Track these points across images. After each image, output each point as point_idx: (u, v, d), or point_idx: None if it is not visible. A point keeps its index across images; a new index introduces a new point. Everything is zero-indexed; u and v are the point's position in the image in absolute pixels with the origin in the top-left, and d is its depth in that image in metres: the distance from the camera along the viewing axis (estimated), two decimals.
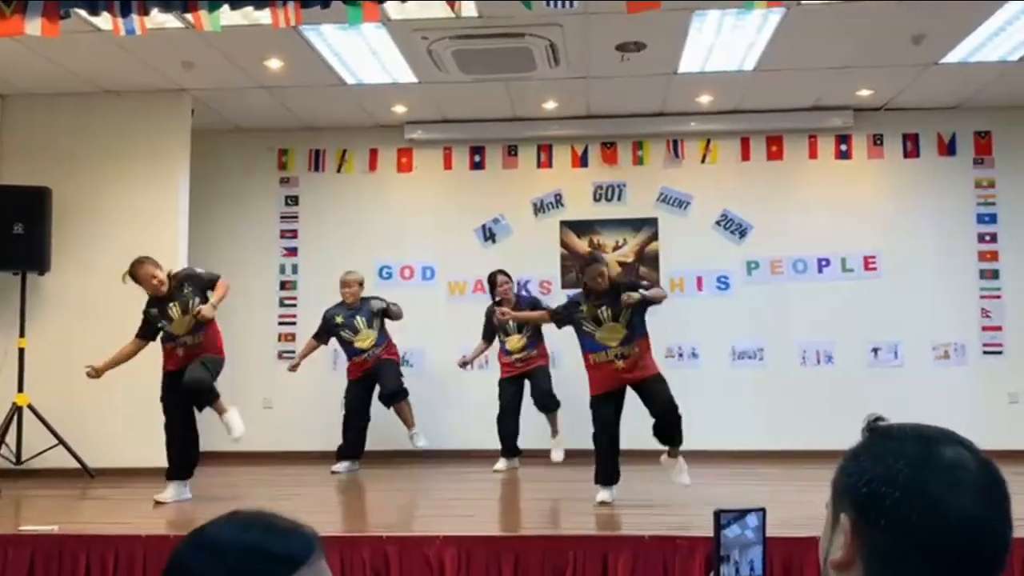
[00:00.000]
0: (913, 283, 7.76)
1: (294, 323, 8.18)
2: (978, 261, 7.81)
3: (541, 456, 7.02)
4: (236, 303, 7.72)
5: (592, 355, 5.38)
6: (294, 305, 8.22)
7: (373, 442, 7.27)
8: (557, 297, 8.00)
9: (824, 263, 7.94)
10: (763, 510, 1.20)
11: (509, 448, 7.05)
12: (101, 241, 7.10)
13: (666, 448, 5.49)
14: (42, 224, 6.84)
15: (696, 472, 5.60)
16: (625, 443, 5.49)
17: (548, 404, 7.00)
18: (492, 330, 7.15)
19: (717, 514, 1.19)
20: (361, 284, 7.29)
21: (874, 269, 7.88)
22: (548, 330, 6.84)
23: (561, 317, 5.67)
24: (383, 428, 7.28)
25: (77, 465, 6.62)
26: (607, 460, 5.37)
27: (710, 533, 1.20)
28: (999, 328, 7.73)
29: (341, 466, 7.01)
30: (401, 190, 8.25)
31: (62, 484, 6.35)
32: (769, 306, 7.83)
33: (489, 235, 8.18)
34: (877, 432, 1.04)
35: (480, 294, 8.01)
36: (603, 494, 5.31)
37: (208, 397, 5.65)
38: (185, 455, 5.70)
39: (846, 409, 7.31)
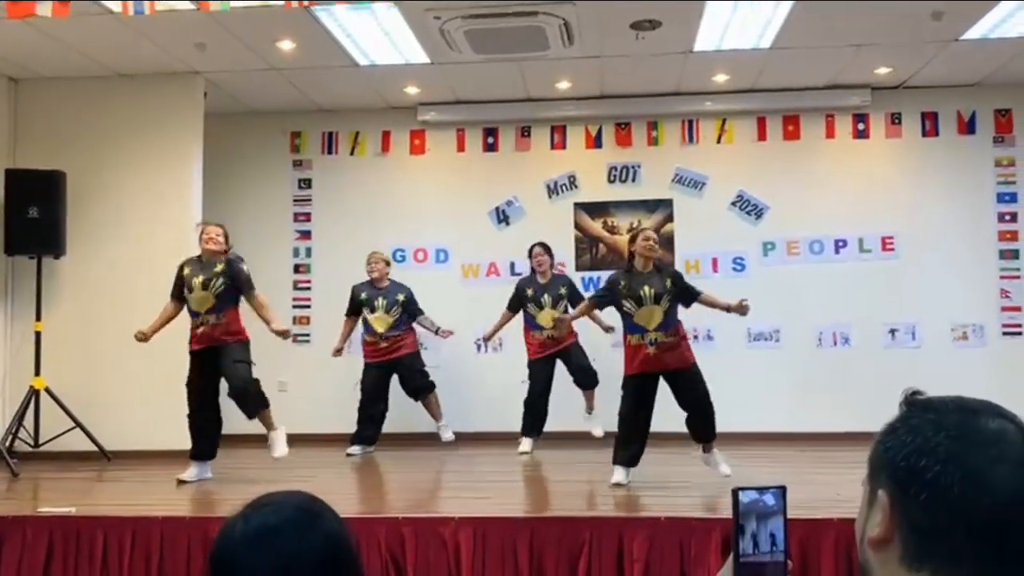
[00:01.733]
0: (931, 264, 7.68)
1: (308, 306, 8.19)
2: (998, 241, 7.71)
3: (563, 437, 6.98)
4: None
5: (630, 336, 5.34)
6: (308, 288, 8.22)
7: (389, 425, 7.29)
8: (571, 279, 7.99)
9: (841, 244, 7.86)
10: (783, 488, 1.17)
11: (539, 430, 6.97)
12: (116, 224, 7.12)
13: (701, 444, 5.47)
14: (57, 208, 6.86)
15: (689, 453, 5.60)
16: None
17: (589, 381, 6.95)
18: (520, 302, 7.07)
19: (735, 492, 1.15)
20: (387, 263, 7.30)
21: (892, 250, 7.80)
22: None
23: (603, 299, 5.59)
24: (399, 410, 7.29)
25: (94, 448, 6.66)
26: (626, 443, 5.32)
27: (726, 514, 1.17)
28: (1018, 309, 7.64)
29: (355, 449, 7.03)
30: (414, 172, 8.22)
31: (79, 467, 6.40)
32: (785, 288, 7.76)
33: (503, 217, 8.14)
34: (916, 405, 1.01)
35: (494, 277, 7.99)
36: (619, 475, 5.27)
37: (258, 402, 5.62)
38: (209, 436, 5.72)
39: (863, 391, 7.32)
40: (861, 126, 7.90)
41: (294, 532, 1.23)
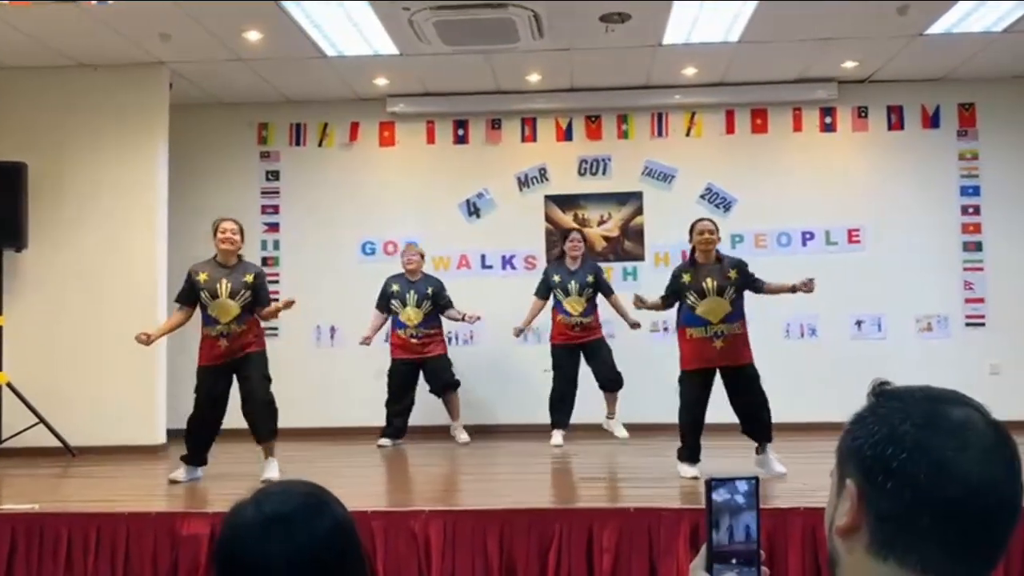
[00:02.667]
0: (896, 256, 7.78)
1: (276, 300, 8.00)
2: (961, 234, 7.83)
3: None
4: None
5: (690, 329, 5.26)
6: (276, 281, 8.12)
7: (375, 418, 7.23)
8: (542, 272, 7.98)
9: (808, 236, 7.94)
10: (756, 478, 1.18)
11: (565, 423, 6.83)
12: (79, 217, 7.00)
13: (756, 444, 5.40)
14: (18, 200, 6.73)
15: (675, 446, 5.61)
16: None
17: (614, 384, 6.83)
18: (548, 288, 6.94)
19: (708, 482, 1.16)
20: (422, 256, 7.19)
21: (858, 242, 7.89)
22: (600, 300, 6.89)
23: (669, 295, 5.44)
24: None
25: (58, 444, 6.57)
26: (689, 439, 5.26)
27: (694, 505, 1.17)
28: (981, 300, 7.77)
29: (385, 441, 6.98)
30: (384, 164, 8.17)
31: (43, 463, 6.30)
32: None
33: (473, 210, 8.13)
34: (883, 395, 1.02)
35: (465, 269, 7.97)
36: (687, 470, 5.21)
37: (274, 429, 5.49)
38: (206, 447, 5.56)
39: (829, 382, 7.40)
40: (828, 120, 7.98)
41: (304, 519, 1.25)
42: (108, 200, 7.01)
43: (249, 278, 5.47)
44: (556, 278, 6.91)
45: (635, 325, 6.79)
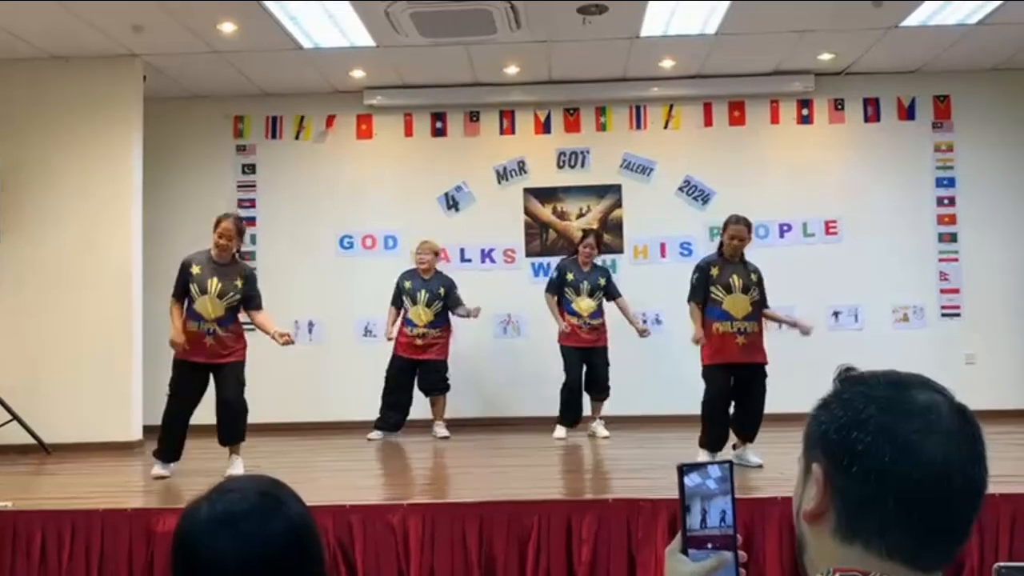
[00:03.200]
0: (873, 247, 7.83)
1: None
2: (936, 225, 7.90)
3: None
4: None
5: (717, 323, 5.33)
6: None
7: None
8: (521, 265, 7.99)
9: (785, 228, 7.97)
10: (729, 462, 1.18)
11: (574, 420, 6.78)
12: (53, 211, 6.91)
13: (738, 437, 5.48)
14: None
15: (659, 437, 5.63)
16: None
17: (603, 394, 6.86)
18: (560, 284, 6.87)
19: (681, 468, 1.16)
20: (436, 254, 7.12)
21: (835, 234, 7.93)
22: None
23: (697, 289, 5.46)
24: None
25: (33, 441, 6.49)
26: (714, 428, 5.34)
27: (672, 495, 1.17)
28: (957, 291, 7.84)
29: (375, 434, 6.95)
30: (361, 158, 8.12)
31: (17, 460, 6.23)
32: None
33: (452, 203, 8.10)
34: (848, 380, 1.02)
35: (443, 263, 7.94)
36: (704, 457, 5.25)
37: (242, 431, 5.48)
38: (180, 444, 5.50)
39: (806, 372, 7.39)
40: (805, 112, 8.01)
41: (258, 517, 1.26)
42: (82, 194, 6.92)
43: (240, 281, 5.46)
44: (569, 276, 6.87)
45: (644, 333, 6.86)
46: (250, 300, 5.53)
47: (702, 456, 5.27)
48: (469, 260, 8.00)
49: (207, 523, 1.26)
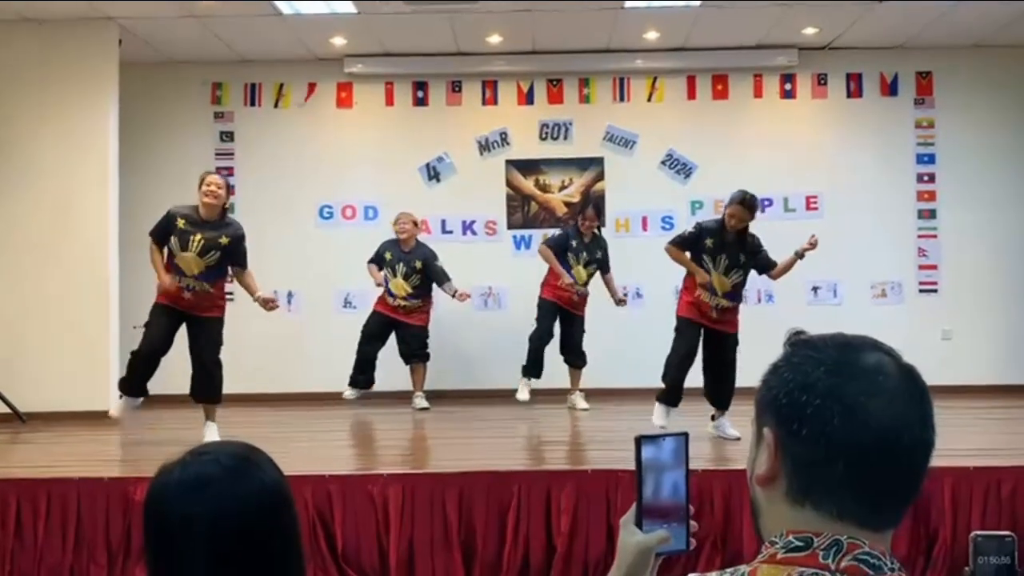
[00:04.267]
0: (853, 223, 7.85)
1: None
2: (916, 201, 7.94)
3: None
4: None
5: (701, 290, 5.38)
6: None
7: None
8: (502, 238, 7.96)
9: (767, 203, 7.95)
10: (686, 434, 1.19)
11: (538, 372, 6.79)
12: (26, 178, 6.79)
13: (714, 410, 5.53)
14: None
15: (637, 409, 5.65)
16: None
17: (579, 360, 6.85)
18: (566, 249, 6.78)
19: (637, 439, 1.17)
20: (414, 224, 7.06)
21: (815, 209, 7.96)
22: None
23: (687, 240, 5.50)
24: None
25: (8, 410, 6.42)
26: (673, 385, 5.40)
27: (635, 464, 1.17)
28: (935, 267, 7.90)
29: (350, 392, 6.93)
30: (341, 126, 8.03)
31: None
32: None
33: (433, 174, 8.04)
34: (797, 344, 1.03)
35: (424, 235, 7.89)
36: (660, 416, 5.35)
37: (217, 394, 5.44)
38: (145, 380, 5.46)
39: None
40: (788, 86, 8.00)
41: (231, 480, 1.25)
42: (56, 160, 6.80)
43: (224, 240, 5.35)
44: (574, 243, 6.84)
45: (621, 302, 6.86)
46: (236, 259, 5.43)
47: (658, 412, 5.37)
48: (450, 232, 7.96)
49: (179, 486, 1.24)
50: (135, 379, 5.45)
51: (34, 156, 6.81)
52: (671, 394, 5.44)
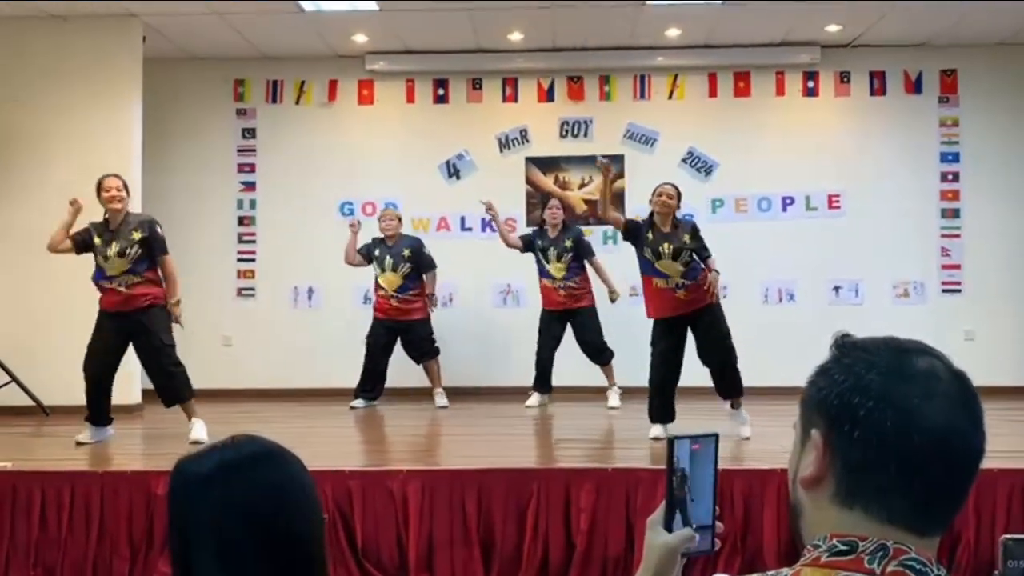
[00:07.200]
0: (875, 222, 7.79)
1: (253, 259, 8.03)
2: (940, 200, 7.86)
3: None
4: (193, 240, 7.56)
5: (655, 280, 5.25)
6: (252, 241, 8.05)
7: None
8: (521, 235, 7.95)
9: (788, 201, 7.94)
10: (716, 435, 1.20)
11: (544, 383, 6.86)
12: (49, 174, 6.85)
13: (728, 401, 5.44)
14: None
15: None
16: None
17: (601, 358, 6.81)
18: (534, 252, 6.88)
19: (671, 440, 1.17)
20: (399, 220, 7.05)
21: (838, 208, 7.90)
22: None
23: (630, 229, 5.34)
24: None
25: (32, 403, 6.49)
26: (660, 396, 5.25)
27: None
28: (958, 267, 7.82)
29: (359, 402, 6.93)
30: (362, 123, 8.05)
31: (16, 422, 6.23)
32: (733, 244, 7.78)
33: (453, 171, 8.04)
34: (846, 346, 1.02)
35: (444, 231, 7.92)
36: (656, 430, 5.21)
37: (184, 393, 5.32)
38: (105, 405, 5.39)
39: (806, 347, 7.40)
40: (811, 84, 7.94)
41: (256, 472, 1.25)
42: (79, 156, 6.86)
43: (136, 235, 5.24)
44: (539, 242, 6.90)
45: (613, 295, 6.80)
46: (154, 247, 5.28)
47: (654, 429, 5.21)
48: (470, 229, 7.97)
49: (204, 476, 1.25)
50: (96, 402, 5.33)
51: (58, 152, 6.87)
52: (652, 408, 5.27)
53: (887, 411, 0.94)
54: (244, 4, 6.59)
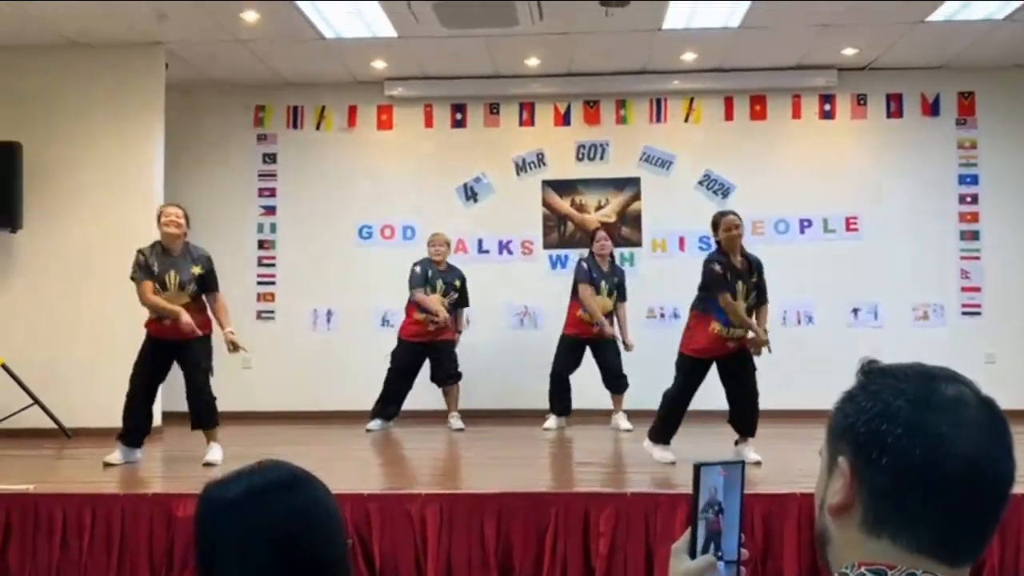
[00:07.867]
0: (894, 244, 7.77)
1: (273, 283, 8.10)
2: (959, 222, 7.83)
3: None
4: (214, 262, 7.61)
5: (715, 323, 5.06)
6: (272, 265, 8.12)
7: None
8: (539, 258, 7.99)
9: (806, 224, 7.93)
10: (742, 463, 1.20)
11: (561, 401, 6.89)
12: (74, 198, 6.97)
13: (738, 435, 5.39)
14: (13, 180, 6.70)
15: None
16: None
17: (619, 384, 6.83)
18: (591, 280, 6.76)
19: (697, 467, 1.17)
20: (447, 245, 7.09)
21: (855, 230, 7.88)
22: None
23: (719, 280, 5.06)
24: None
25: (54, 425, 6.55)
26: (672, 421, 5.25)
27: (691, 490, 1.18)
28: (978, 289, 7.77)
29: (375, 424, 6.92)
30: (381, 148, 8.13)
31: (38, 444, 6.29)
32: None
33: (471, 194, 8.10)
34: (874, 372, 1.01)
35: (462, 254, 7.94)
36: (660, 453, 5.22)
37: (213, 418, 5.45)
38: (144, 427, 5.49)
39: (824, 370, 7.38)
40: (827, 107, 7.96)
41: (282, 496, 1.27)
42: (104, 181, 6.97)
43: (197, 269, 5.39)
44: (594, 274, 6.83)
45: (629, 347, 6.81)
46: (209, 285, 5.45)
47: (656, 451, 5.22)
48: (487, 251, 8.01)
49: (232, 500, 1.27)
50: (133, 424, 5.41)
51: (82, 176, 6.98)
52: (664, 431, 5.24)
53: (916, 439, 0.93)
54: (266, 32, 6.69)
